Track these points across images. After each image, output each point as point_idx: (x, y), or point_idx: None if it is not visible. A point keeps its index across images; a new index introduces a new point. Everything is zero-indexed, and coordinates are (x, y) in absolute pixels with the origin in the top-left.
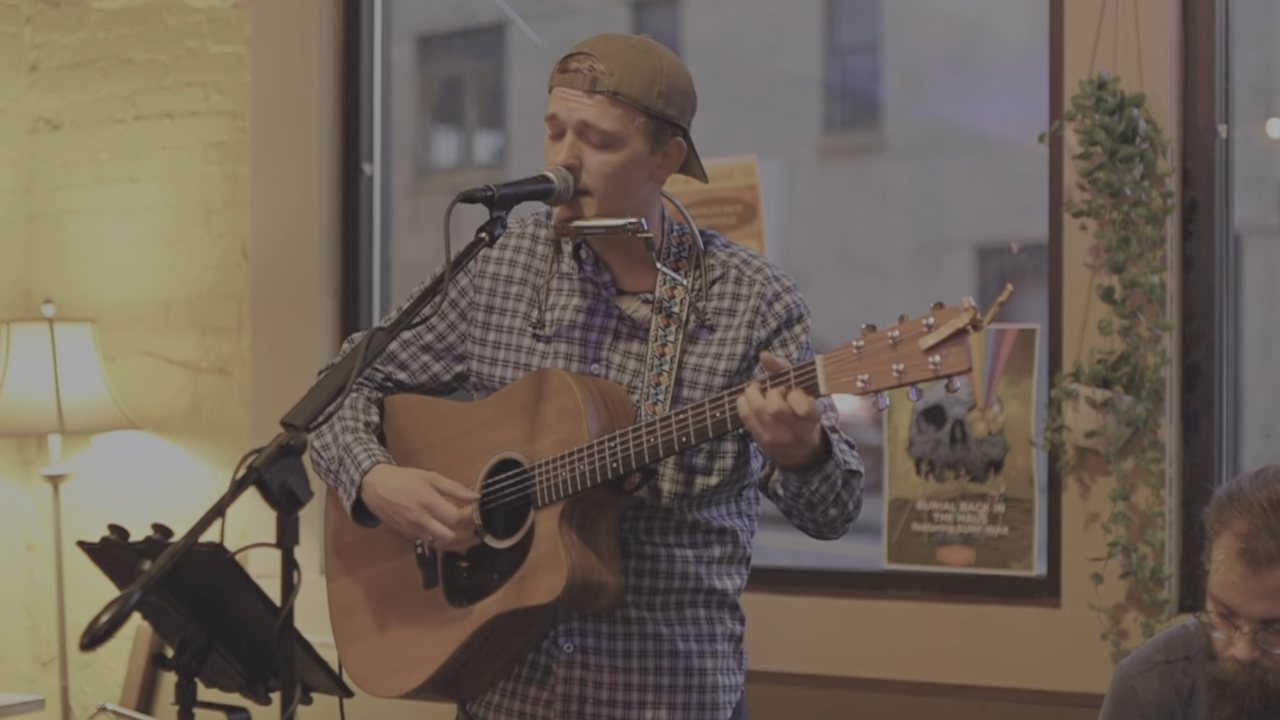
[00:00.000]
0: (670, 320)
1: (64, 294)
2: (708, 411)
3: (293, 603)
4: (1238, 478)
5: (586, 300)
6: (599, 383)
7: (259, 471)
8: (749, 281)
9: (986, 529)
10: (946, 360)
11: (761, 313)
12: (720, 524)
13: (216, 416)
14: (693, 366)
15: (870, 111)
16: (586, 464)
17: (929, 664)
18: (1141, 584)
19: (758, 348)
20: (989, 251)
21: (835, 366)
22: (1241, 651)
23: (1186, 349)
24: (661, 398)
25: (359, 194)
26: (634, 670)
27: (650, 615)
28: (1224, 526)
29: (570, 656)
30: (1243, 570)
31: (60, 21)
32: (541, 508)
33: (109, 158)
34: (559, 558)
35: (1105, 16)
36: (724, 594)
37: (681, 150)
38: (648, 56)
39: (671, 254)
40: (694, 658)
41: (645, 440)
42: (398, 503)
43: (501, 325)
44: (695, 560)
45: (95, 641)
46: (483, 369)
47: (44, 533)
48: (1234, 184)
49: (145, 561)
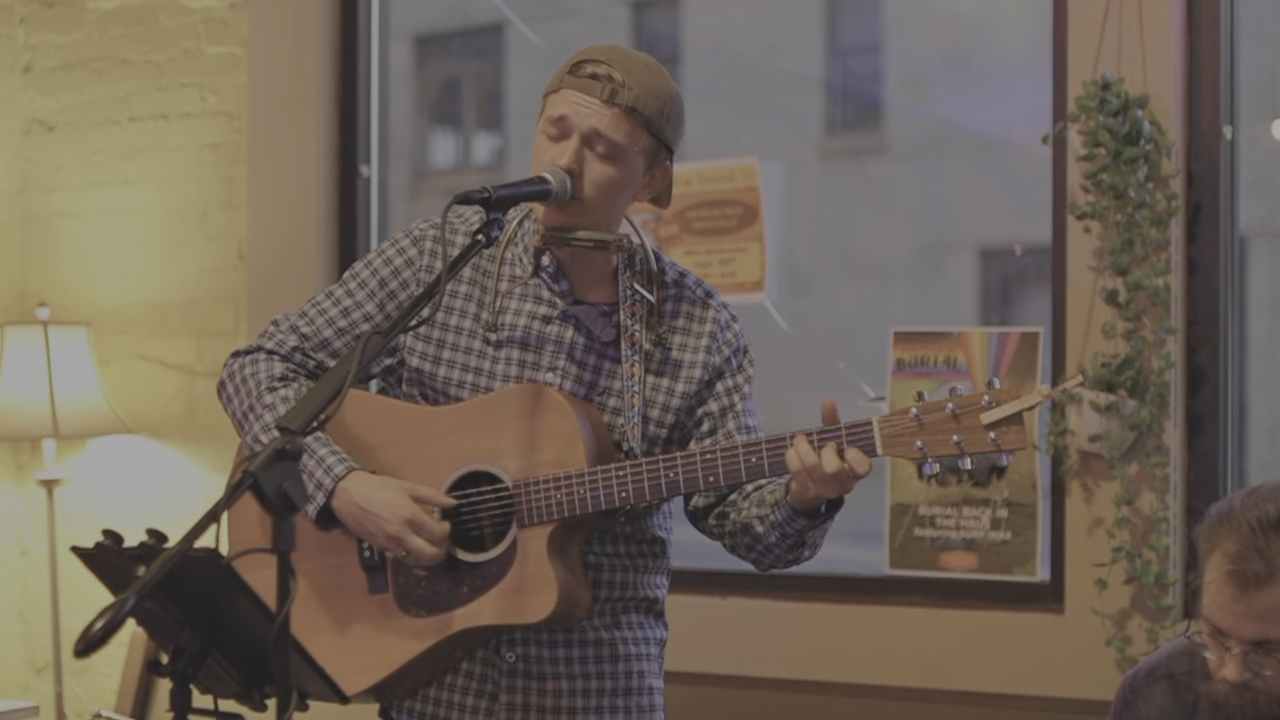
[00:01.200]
0: (633, 340)
1: (58, 297)
2: (741, 455)
3: (289, 609)
4: (1229, 496)
5: (542, 307)
6: (588, 408)
7: (255, 476)
8: (702, 305)
9: (989, 534)
10: (1005, 438)
11: (717, 338)
12: (653, 533)
13: (212, 421)
14: (650, 386)
15: (872, 113)
16: (589, 490)
17: (931, 671)
18: (1146, 590)
19: (714, 373)
20: (992, 254)
21: (891, 430)
22: (1232, 673)
23: (1191, 352)
24: (636, 420)
25: (356, 196)
26: (577, 676)
27: (593, 622)
28: (1214, 547)
29: (513, 666)
30: (1232, 592)
31: (55, 22)
32: (527, 526)
33: (104, 159)
34: (550, 578)
35: (1109, 17)
36: (653, 601)
37: (667, 175)
38: (660, 77)
39: (632, 269)
40: (634, 661)
41: (664, 474)
42: (377, 514)
43: (448, 324)
44: (633, 569)
45: (90, 648)
46: (424, 365)
47: (38, 538)
48: (1239, 186)
49: (140, 567)
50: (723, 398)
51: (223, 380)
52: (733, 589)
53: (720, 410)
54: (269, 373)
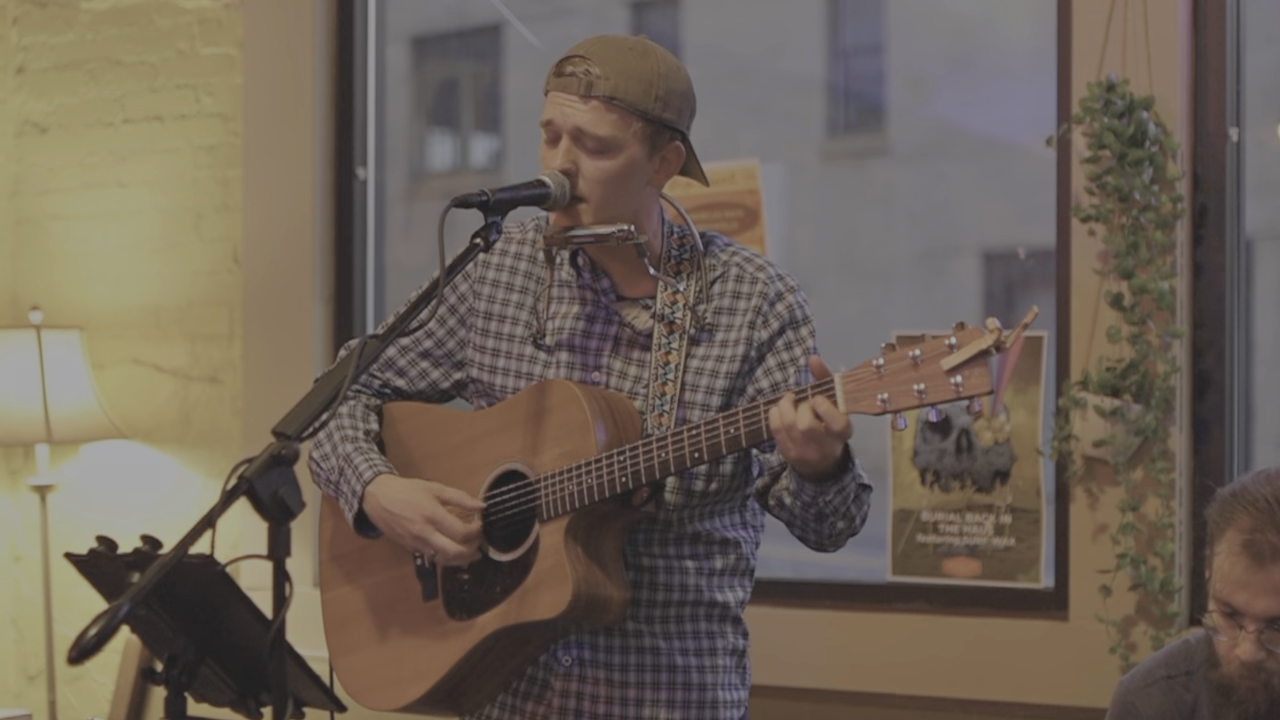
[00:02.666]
0: (673, 328)
1: (51, 301)
2: (721, 427)
3: (285, 616)
4: (1239, 478)
5: (586, 308)
6: (607, 394)
7: (250, 482)
8: (750, 280)
9: (993, 540)
10: (969, 381)
11: (763, 313)
12: (724, 535)
13: (207, 426)
14: (694, 370)
15: (874, 114)
16: (594, 477)
17: (934, 678)
18: (1151, 596)
19: (759, 349)
20: (995, 257)
21: (854, 385)
22: (1246, 652)
23: (1197, 356)
24: (667, 408)
25: (352, 199)
26: (630, 684)
27: (648, 628)
28: (1227, 524)
29: (568, 669)
30: (1246, 564)
31: (48, 22)
32: (547, 521)
33: (98, 161)
34: (564, 572)
35: (1114, 17)
36: (726, 607)
37: (680, 154)
38: (645, 59)
39: (672, 257)
40: (693, 672)
41: (656, 455)
42: (400, 515)
43: (501, 333)
44: (696, 572)
45: (83, 655)
46: (483, 377)
47: (31, 544)
48: (1245, 188)
49: (134, 574)
50: (774, 373)
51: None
52: None
53: (772, 386)
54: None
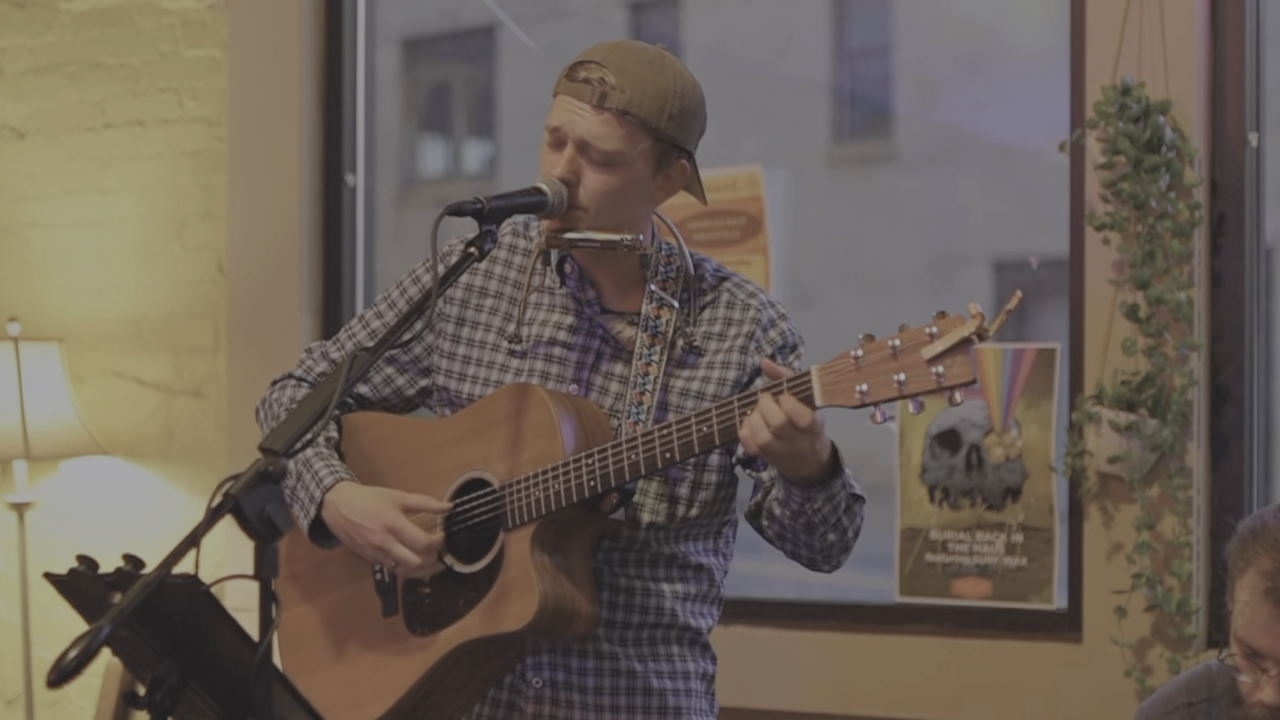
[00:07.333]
0: (655, 339)
1: (30, 311)
2: (693, 426)
3: (271, 637)
4: (1260, 511)
5: (569, 317)
6: (575, 399)
7: (236, 499)
8: (742, 306)
9: (1004, 560)
10: (950, 371)
11: (756, 338)
12: (697, 560)
13: (191, 441)
14: (679, 391)
15: (881, 119)
16: (561, 483)
17: (943, 702)
18: (1167, 618)
19: (751, 373)
20: (1007, 266)
21: (832, 377)
22: (1270, 696)
23: (1215, 369)
24: (643, 417)
25: (341, 206)
26: (605, 708)
27: (624, 650)
28: (1248, 564)
29: (539, 692)
30: (1270, 611)
31: (26, 24)
32: (512, 529)
33: (77, 167)
34: (530, 583)
35: (1129, 19)
36: (697, 632)
37: (685, 173)
38: (662, 73)
39: (659, 274)
40: (668, 695)
41: (626, 457)
42: (361, 524)
43: (473, 339)
44: (671, 596)
45: (63, 678)
46: (449, 384)
47: (8, 564)
48: (1265, 195)
49: (116, 594)
50: None
51: (257, 408)
52: (735, 617)
53: None
54: (293, 399)
